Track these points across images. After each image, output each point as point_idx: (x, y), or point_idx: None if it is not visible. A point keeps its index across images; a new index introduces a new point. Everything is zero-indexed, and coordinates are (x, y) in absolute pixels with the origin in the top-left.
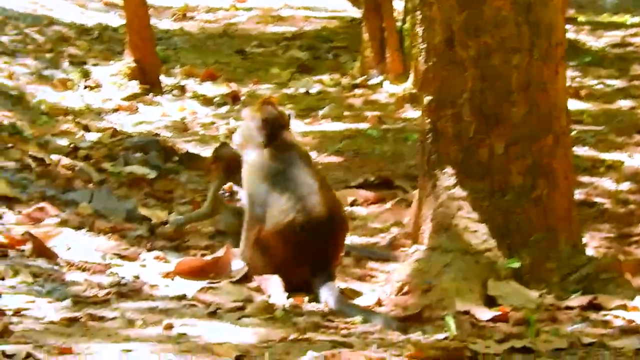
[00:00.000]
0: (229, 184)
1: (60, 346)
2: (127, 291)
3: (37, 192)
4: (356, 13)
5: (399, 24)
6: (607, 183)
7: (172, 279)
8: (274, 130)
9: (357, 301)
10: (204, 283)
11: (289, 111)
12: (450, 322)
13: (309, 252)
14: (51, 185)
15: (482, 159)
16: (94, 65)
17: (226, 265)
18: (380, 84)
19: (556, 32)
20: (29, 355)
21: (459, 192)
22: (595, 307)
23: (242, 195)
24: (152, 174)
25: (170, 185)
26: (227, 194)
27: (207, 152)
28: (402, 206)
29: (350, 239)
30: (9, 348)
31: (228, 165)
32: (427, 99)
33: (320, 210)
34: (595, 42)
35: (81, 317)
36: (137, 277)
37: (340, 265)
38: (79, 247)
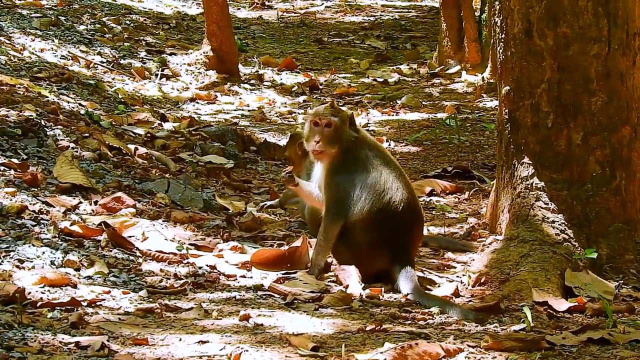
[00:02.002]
0: (290, 168)
1: (135, 337)
2: (204, 282)
3: (113, 181)
4: (434, 2)
5: (477, 13)
6: None
7: (249, 270)
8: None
9: (435, 292)
10: (280, 273)
11: (349, 111)
12: (528, 313)
13: (390, 241)
14: (128, 175)
15: (561, 149)
16: (172, 54)
17: (303, 255)
18: (458, 74)
19: (633, 22)
20: (103, 346)
21: (536, 182)
22: None
23: (314, 189)
24: (230, 164)
25: (247, 174)
26: (287, 175)
27: (284, 141)
28: (480, 196)
29: (428, 229)
30: (83, 339)
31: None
32: (505, 89)
33: (401, 201)
34: None
35: (157, 308)
36: (213, 268)
37: (418, 256)
38: (155, 238)
